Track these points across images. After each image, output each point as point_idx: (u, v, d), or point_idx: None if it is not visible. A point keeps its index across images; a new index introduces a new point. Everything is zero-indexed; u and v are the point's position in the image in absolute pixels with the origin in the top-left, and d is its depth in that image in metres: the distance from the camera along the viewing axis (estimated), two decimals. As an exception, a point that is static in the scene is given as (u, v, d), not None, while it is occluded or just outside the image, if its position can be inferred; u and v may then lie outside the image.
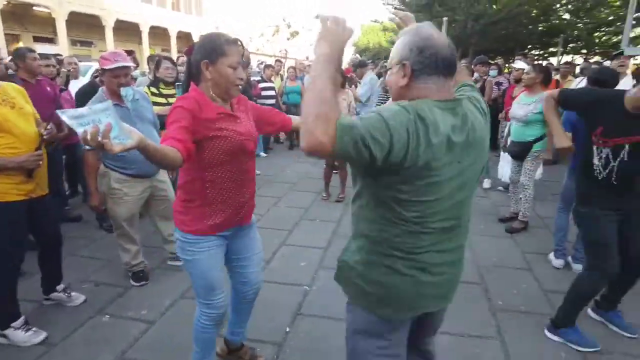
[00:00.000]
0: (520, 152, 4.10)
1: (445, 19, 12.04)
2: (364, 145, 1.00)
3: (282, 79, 8.23)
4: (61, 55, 6.39)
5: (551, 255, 3.56)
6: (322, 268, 3.35)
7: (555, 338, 2.52)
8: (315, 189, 5.39)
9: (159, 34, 26.82)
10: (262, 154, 7.48)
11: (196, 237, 1.76)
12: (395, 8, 20.40)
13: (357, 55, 15.50)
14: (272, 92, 7.37)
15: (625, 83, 4.66)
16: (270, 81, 7.42)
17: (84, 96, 3.61)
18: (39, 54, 3.81)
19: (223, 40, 1.64)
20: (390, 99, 1.32)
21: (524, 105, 4.02)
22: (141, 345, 2.41)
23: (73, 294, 2.82)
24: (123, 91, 2.76)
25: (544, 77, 4.02)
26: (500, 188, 5.47)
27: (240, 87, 1.72)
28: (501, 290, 3.06)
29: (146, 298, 2.88)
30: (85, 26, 21.72)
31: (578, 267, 3.31)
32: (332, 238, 3.93)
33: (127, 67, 2.78)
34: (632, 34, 10.50)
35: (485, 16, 16.18)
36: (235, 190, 1.78)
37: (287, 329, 2.56)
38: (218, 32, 1.74)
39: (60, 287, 2.79)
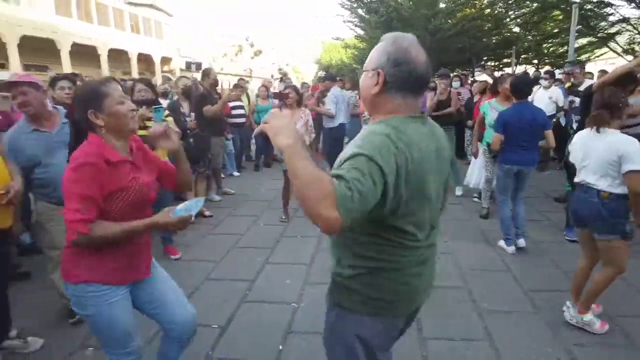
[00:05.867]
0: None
1: (404, 34, 12.48)
2: (367, 202, 1.03)
3: (248, 98, 8.23)
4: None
5: (502, 243, 3.99)
6: (308, 284, 3.34)
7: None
8: (293, 206, 5.37)
9: (118, 56, 26.26)
10: (235, 173, 7.41)
11: (93, 287, 1.61)
12: (355, 25, 20.93)
13: (323, 72, 15.75)
14: (242, 111, 7.36)
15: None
16: (240, 100, 7.41)
17: None
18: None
19: (97, 84, 1.61)
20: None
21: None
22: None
23: (30, 338, 2.56)
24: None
25: None
26: (476, 198, 5.59)
27: (135, 118, 1.65)
28: (484, 292, 3.15)
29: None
30: (39, 50, 20.96)
31: (522, 242, 3.91)
32: (315, 254, 3.93)
33: (18, 84, 2.51)
34: (576, 45, 11.28)
35: (442, 31, 16.87)
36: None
37: (280, 347, 2.54)
38: (87, 80, 1.68)
39: (13, 333, 2.54)
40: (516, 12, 16.59)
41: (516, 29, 17.60)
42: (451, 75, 7.74)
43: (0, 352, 2.37)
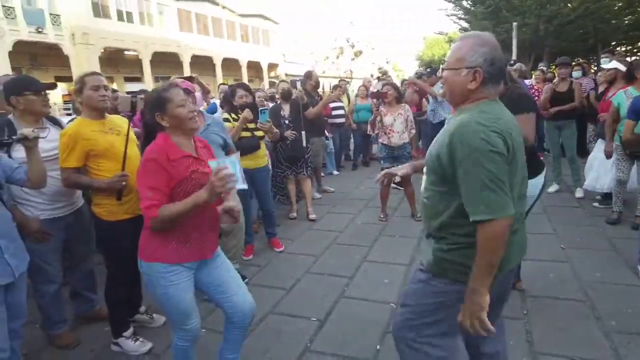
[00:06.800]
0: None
1: (515, 24, 11.46)
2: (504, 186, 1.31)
3: (348, 99, 8.34)
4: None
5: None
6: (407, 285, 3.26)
7: None
8: (391, 205, 5.30)
9: (230, 64, 28.59)
10: (335, 172, 7.57)
11: (162, 267, 1.82)
12: (459, 18, 19.92)
13: (421, 69, 15.29)
14: (341, 112, 7.51)
15: None
16: (340, 101, 7.55)
17: None
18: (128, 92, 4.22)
19: (161, 90, 1.86)
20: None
21: None
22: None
23: (155, 315, 2.92)
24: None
25: None
26: (596, 204, 4.89)
27: (195, 119, 1.86)
28: (611, 309, 2.76)
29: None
30: (165, 63, 23.82)
31: None
32: (414, 254, 3.84)
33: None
34: None
35: (559, 16, 15.22)
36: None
37: (378, 347, 2.53)
38: (154, 88, 1.91)
39: (142, 308, 2.91)
40: (657, -14, 14.26)
41: (657, 6, 15.13)
42: (572, 63, 6.93)
43: (132, 324, 2.75)
